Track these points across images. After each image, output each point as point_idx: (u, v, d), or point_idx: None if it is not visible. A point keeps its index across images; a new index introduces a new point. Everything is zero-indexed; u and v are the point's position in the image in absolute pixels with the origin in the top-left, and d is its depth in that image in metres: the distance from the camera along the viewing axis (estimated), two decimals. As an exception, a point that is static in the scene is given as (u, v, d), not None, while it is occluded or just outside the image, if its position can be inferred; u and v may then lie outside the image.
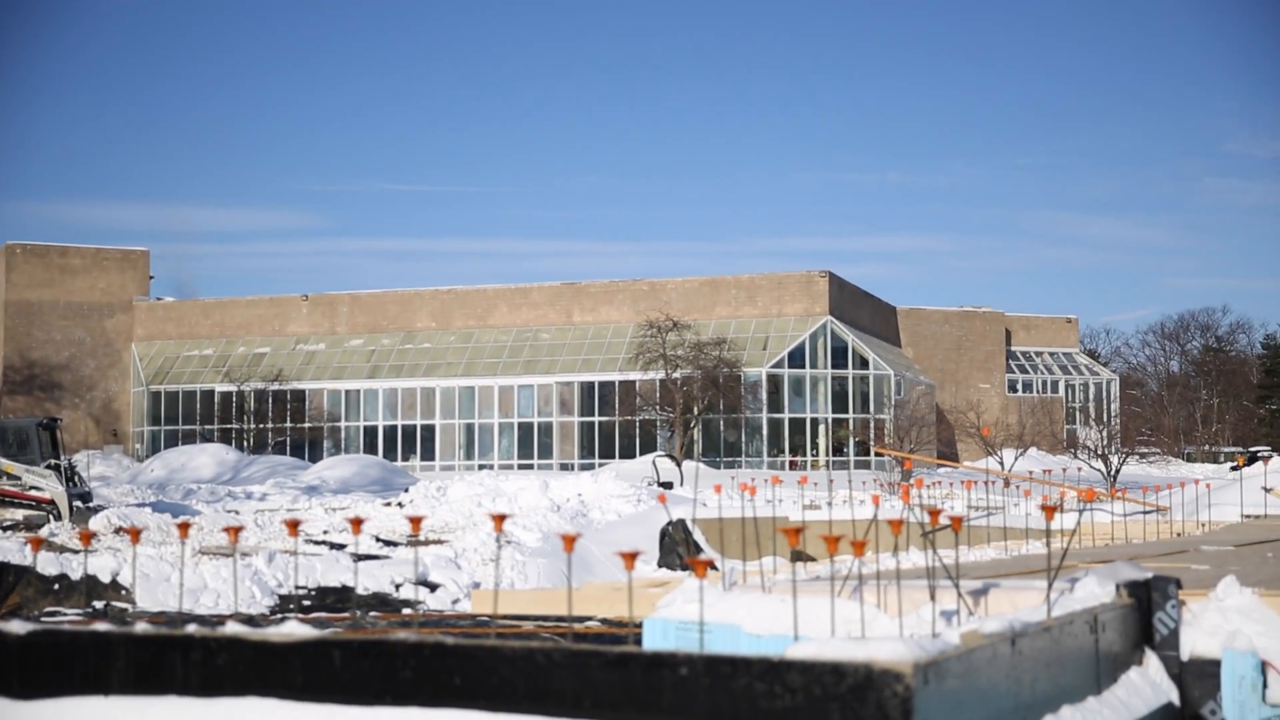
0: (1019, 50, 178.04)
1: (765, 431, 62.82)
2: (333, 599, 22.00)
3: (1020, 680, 4.93)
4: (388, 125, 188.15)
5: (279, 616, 18.12)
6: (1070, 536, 9.72)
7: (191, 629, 5.01)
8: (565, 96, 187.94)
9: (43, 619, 17.21)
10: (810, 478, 26.39)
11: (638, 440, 62.98)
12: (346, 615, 16.12)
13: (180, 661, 4.86)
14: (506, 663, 4.46)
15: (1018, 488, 32.51)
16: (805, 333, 63.88)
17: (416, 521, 5.83)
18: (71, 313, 73.13)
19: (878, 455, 59.01)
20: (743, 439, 62.93)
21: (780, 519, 24.14)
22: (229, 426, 68.03)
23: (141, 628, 5.06)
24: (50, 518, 29.74)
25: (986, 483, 27.67)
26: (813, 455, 63.42)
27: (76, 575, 21.77)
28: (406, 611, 20.49)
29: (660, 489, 37.96)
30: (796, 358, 63.73)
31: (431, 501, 34.26)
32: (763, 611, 6.32)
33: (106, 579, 21.84)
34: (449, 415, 67.30)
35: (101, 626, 5.11)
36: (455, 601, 21.95)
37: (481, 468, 61.58)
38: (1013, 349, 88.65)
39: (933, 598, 6.26)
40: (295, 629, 4.84)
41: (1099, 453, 51.38)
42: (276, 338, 72.73)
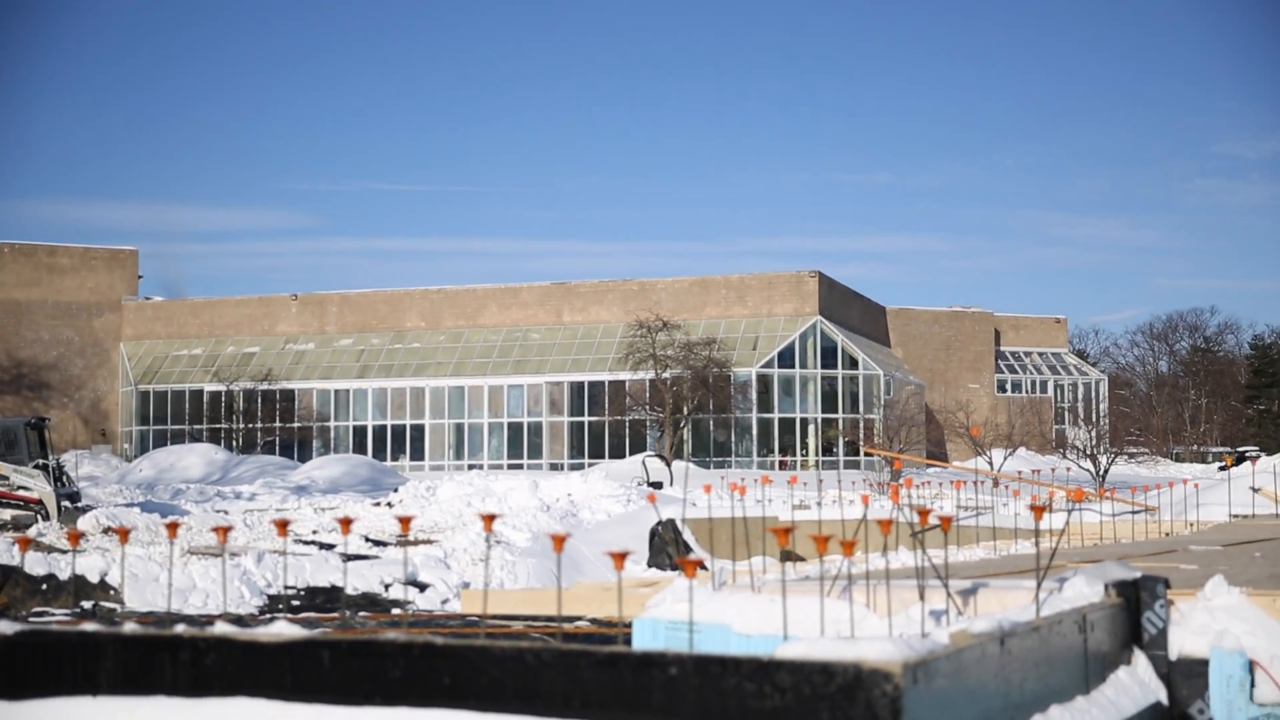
0: (1010, 51, 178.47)
1: (755, 431, 62.85)
2: (322, 599, 21.96)
3: (1009, 680, 4.94)
4: (377, 125, 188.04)
5: (268, 617, 18.09)
6: (1059, 536, 9.74)
7: (180, 629, 5.00)
8: (555, 97, 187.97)
9: (30, 619, 17.15)
10: (800, 478, 26.39)
11: (627, 440, 62.97)
12: (336, 615, 16.10)
13: (169, 662, 4.85)
14: (496, 663, 4.45)
15: (1007, 488, 32.59)
16: (795, 333, 63.92)
17: (406, 521, 5.82)
18: (60, 312, 72.92)
19: (867, 455, 59.08)
20: (732, 439, 62.95)
21: (770, 519, 24.14)
22: (218, 426, 67.91)
23: (130, 628, 5.05)
24: (38, 517, 29.67)
25: (975, 483, 27.72)
26: (802, 455, 63.46)
27: (64, 575, 21.70)
28: (396, 612, 20.46)
29: (650, 489, 37.95)
30: (786, 358, 63.77)
31: (421, 501, 34.23)
32: (752, 611, 6.33)
33: (95, 579, 21.78)
34: (438, 415, 67.24)
35: (90, 627, 5.09)
36: (445, 601, 21.92)
37: (471, 468, 61.52)
38: (1002, 349, 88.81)
39: (922, 597, 6.27)
40: (284, 629, 4.83)
41: (1088, 453, 51.51)
42: (266, 337, 72.61)
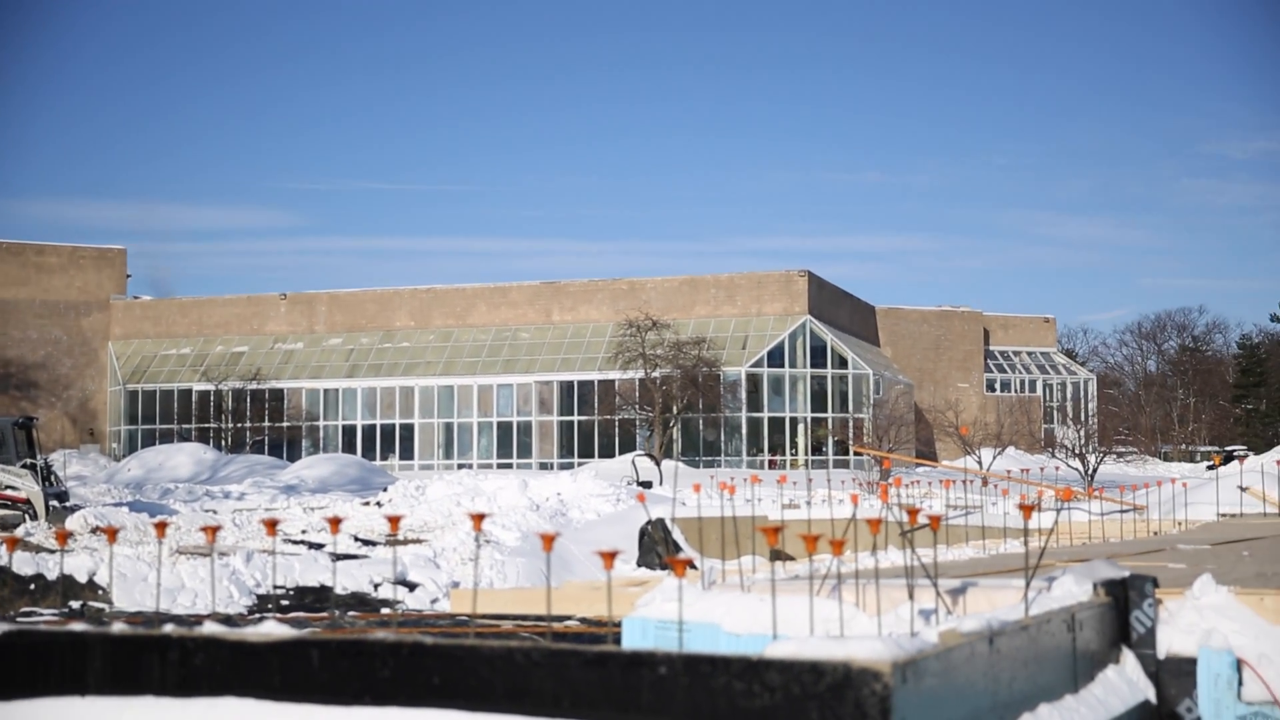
0: (999, 51, 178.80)
1: (744, 431, 62.89)
2: (311, 599, 21.93)
3: (998, 679, 4.95)
4: (366, 125, 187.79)
5: (257, 616, 18.07)
6: (1048, 535, 9.76)
7: (169, 629, 4.98)
8: (545, 96, 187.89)
9: (18, 619, 17.11)
10: (789, 477, 26.42)
11: (617, 439, 62.98)
12: (325, 615, 16.09)
13: (157, 662, 4.83)
14: (485, 662, 4.45)
15: (996, 487, 32.63)
16: (784, 332, 63.97)
17: (395, 521, 5.81)
18: (48, 311, 72.72)
19: (856, 454, 59.13)
20: (722, 438, 62.98)
21: (759, 518, 24.20)
22: (207, 426, 67.78)
23: (118, 628, 5.04)
24: (26, 517, 29.58)
25: (965, 482, 27.76)
26: (792, 454, 63.51)
27: (53, 575, 21.64)
28: (385, 611, 20.45)
29: (639, 488, 37.96)
30: (775, 357, 63.81)
31: (410, 501, 34.20)
32: (741, 610, 6.33)
33: (83, 579, 21.72)
34: (428, 414, 67.18)
35: (78, 626, 5.08)
36: (434, 601, 21.91)
37: (460, 467, 61.46)
38: (991, 348, 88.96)
39: (911, 597, 6.27)
40: (273, 629, 4.82)
41: (1076, 452, 51.62)
42: (255, 336, 72.48)
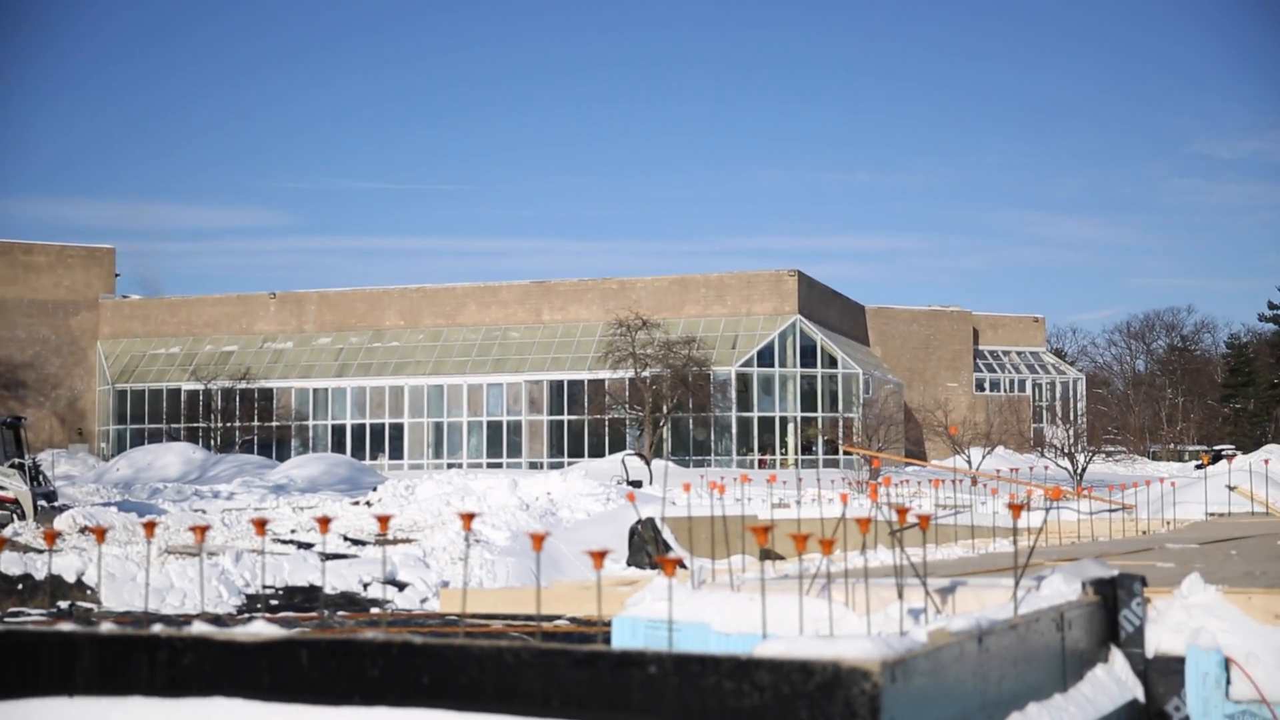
0: (989, 51, 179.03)
1: (734, 430, 62.91)
2: (300, 598, 21.88)
3: (987, 678, 4.95)
4: (356, 124, 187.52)
5: (246, 616, 18.02)
6: (1037, 535, 9.78)
7: (157, 629, 4.97)
8: (535, 96, 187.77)
9: (6, 619, 17.05)
10: (779, 476, 26.43)
11: (607, 439, 62.96)
12: (314, 615, 16.05)
13: (146, 662, 4.82)
14: (475, 662, 4.44)
15: (985, 486, 32.67)
16: (774, 332, 64.00)
17: (385, 520, 5.81)
18: (36, 310, 72.50)
19: (846, 454, 59.19)
20: (712, 438, 63.00)
21: (749, 517, 24.18)
22: (196, 425, 67.61)
23: (107, 628, 5.03)
24: (14, 517, 29.47)
25: (954, 481, 27.81)
26: (781, 454, 63.54)
27: (41, 575, 21.56)
28: (375, 611, 20.42)
29: (629, 488, 37.96)
30: (765, 357, 63.84)
31: (400, 500, 34.14)
32: (731, 610, 6.33)
33: (71, 579, 21.65)
34: (417, 414, 67.11)
35: (66, 627, 5.06)
36: (424, 600, 21.87)
37: (450, 466, 61.40)
38: (980, 348, 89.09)
39: (900, 596, 6.28)
40: (262, 629, 4.81)
41: (1065, 451, 51.72)
42: (244, 336, 72.34)
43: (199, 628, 4.95)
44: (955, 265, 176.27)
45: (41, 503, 30.16)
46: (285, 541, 26.59)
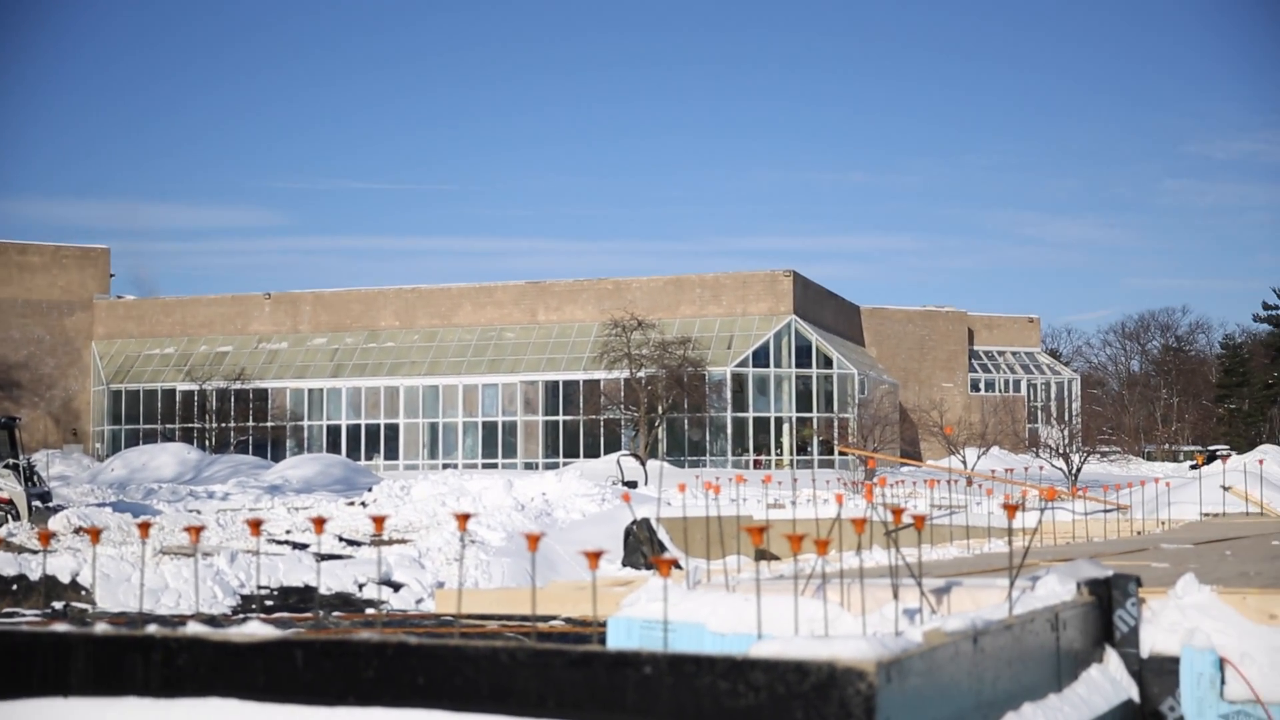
0: (984, 52, 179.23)
1: (729, 431, 62.92)
2: (295, 599, 21.87)
3: (982, 678, 4.96)
4: (352, 124, 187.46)
5: (241, 617, 18.01)
6: (1032, 535, 9.79)
7: (152, 629, 4.97)
8: (531, 96, 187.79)
9: (1, 620, 17.04)
10: (774, 477, 26.42)
11: (602, 439, 62.97)
12: (309, 615, 16.05)
13: (141, 662, 4.82)
14: (470, 663, 4.44)
15: (980, 486, 32.71)
16: (769, 332, 64.02)
17: (380, 521, 5.80)
18: (30, 310, 72.41)
19: (841, 454, 59.21)
20: (707, 438, 63.01)
21: (744, 518, 24.19)
22: (191, 426, 67.57)
23: (101, 628, 5.02)
24: (9, 518, 29.43)
25: (949, 481, 27.83)
26: (777, 454, 63.56)
27: (35, 576, 21.54)
28: (370, 611, 20.40)
29: (624, 488, 37.97)
30: (761, 357, 63.87)
31: (395, 501, 34.13)
32: (726, 610, 6.33)
33: (66, 579, 21.63)
34: (413, 414, 67.09)
35: (60, 627, 5.06)
36: (419, 601, 21.87)
37: (445, 467, 61.38)
38: (975, 348, 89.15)
39: (896, 596, 6.28)
40: (257, 629, 4.81)
41: (1060, 451, 51.76)
42: (239, 336, 72.29)
43: (194, 628, 4.95)
44: (950, 265, 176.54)
45: (36, 503, 30.11)
46: (280, 542, 26.58)
